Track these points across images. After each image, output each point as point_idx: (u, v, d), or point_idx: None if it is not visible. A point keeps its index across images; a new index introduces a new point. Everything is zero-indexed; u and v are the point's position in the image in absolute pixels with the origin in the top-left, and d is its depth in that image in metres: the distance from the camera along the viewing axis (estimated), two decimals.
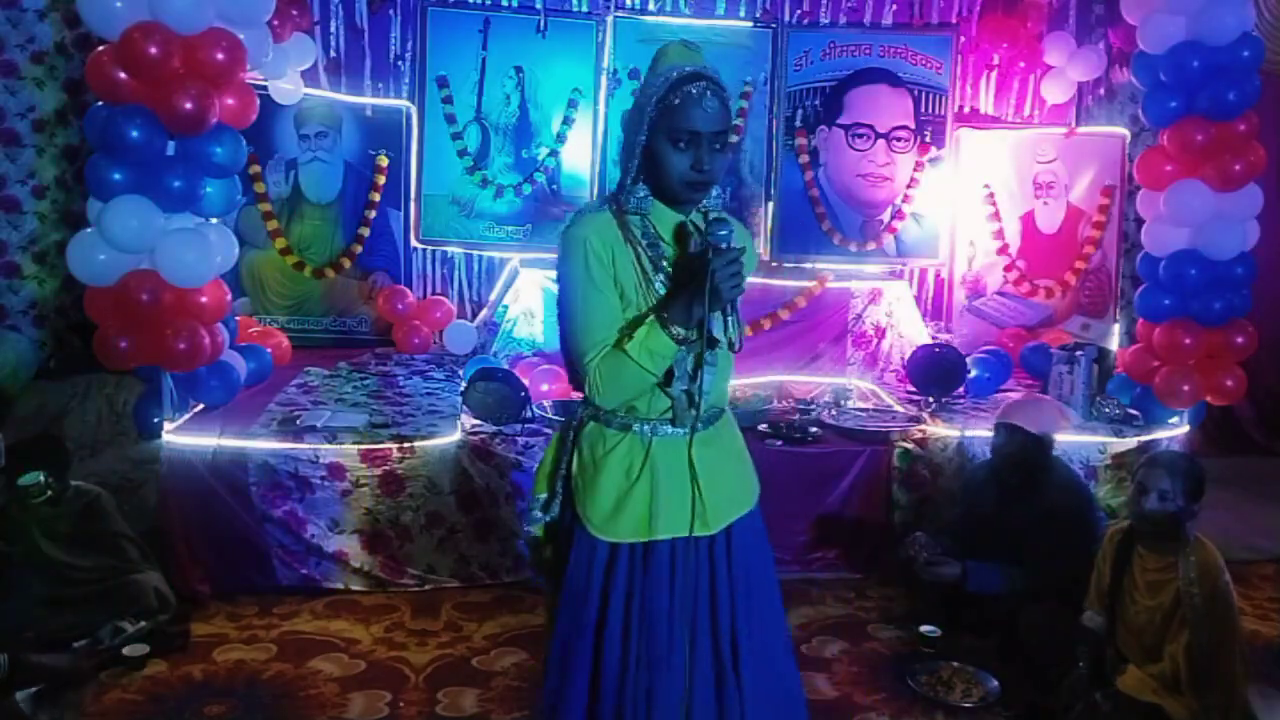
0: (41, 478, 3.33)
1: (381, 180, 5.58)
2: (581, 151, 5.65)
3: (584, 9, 5.66)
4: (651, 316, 1.92)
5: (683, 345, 1.91)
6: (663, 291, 1.97)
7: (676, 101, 1.89)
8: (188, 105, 3.48)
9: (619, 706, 1.99)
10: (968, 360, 4.93)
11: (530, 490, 2.21)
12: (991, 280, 5.84)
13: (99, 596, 3.39)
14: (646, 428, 2.00)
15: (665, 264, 1.98)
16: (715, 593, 2.04)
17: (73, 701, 2.95)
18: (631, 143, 1.96)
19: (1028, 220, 5.78)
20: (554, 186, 5.68)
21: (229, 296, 3.94)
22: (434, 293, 5.82)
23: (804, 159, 5.70)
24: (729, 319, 1.91)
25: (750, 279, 2.01)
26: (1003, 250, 5.78)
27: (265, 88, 4.94)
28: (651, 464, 1.99)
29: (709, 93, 1.90)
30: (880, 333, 5.36)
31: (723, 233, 1.87)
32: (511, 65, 5.58)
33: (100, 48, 3.54)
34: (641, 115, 1.93)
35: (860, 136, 5.71)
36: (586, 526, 2.01)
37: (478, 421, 4.07)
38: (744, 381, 4.39)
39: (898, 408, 4.69)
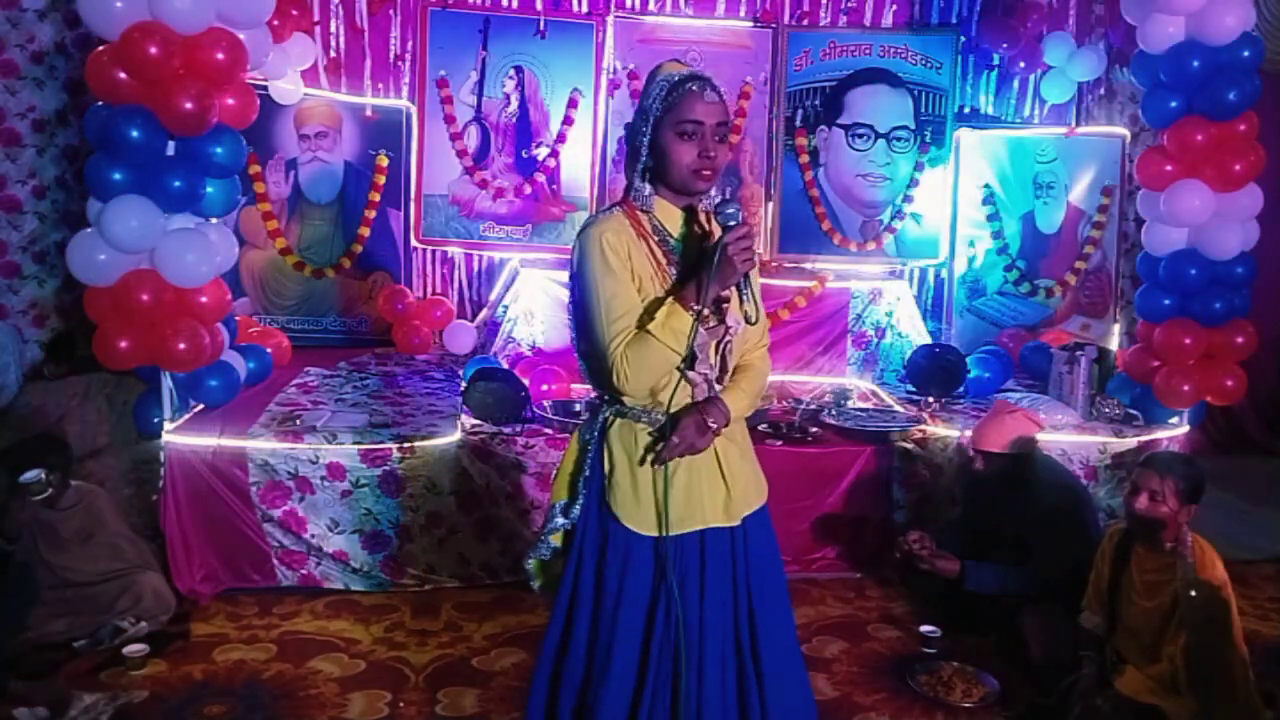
0: (42, 475, 3.33)
1: (381, 180, 5.58)
2: (581, 151, 5.65)
3: (584, 9, 5.66)
4: (670, 298, 2.02)
5: (700, 323, 1.99)
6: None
7: (680, 98, 2.02)
8: (188, 105, 3.48)
9: (653, 697, 2.08)
10: (968, 360, 4.94)
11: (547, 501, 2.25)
12: (991, 280, 5.84)
13: (99, 597, 3.39)
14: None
15: (676, 255, 2.10)
16: (736, 583, 2.15)
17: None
18: (637, 144, 2.08)
19: (1028, 220, 5.79)
20: (554, 186, 5.68)
21: (229, 296, 3.94)
22: (434, 293, 5.82)
23: (804, 159, 5.70)
24: (744, 293, 2.02)
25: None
26: (1003, 250, 5.79)
27: (265, 88, 4.95)
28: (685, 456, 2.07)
29: (708, 88, 2.04)
30: (880, 333, 5.36)
31: (730, 210, 1.99)
32: (511, 65, 5.58)
33: (100, 48, 3.54)
34: (646, 116, 2.05)
35: (860, 136, 5.71)
36: (624, 524, 2.08)
37: (478, 421, 4.07)
38: None
39: (898, 408, 4.69)
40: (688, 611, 2.08)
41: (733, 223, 1.97)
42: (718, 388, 2.11)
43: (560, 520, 2.17)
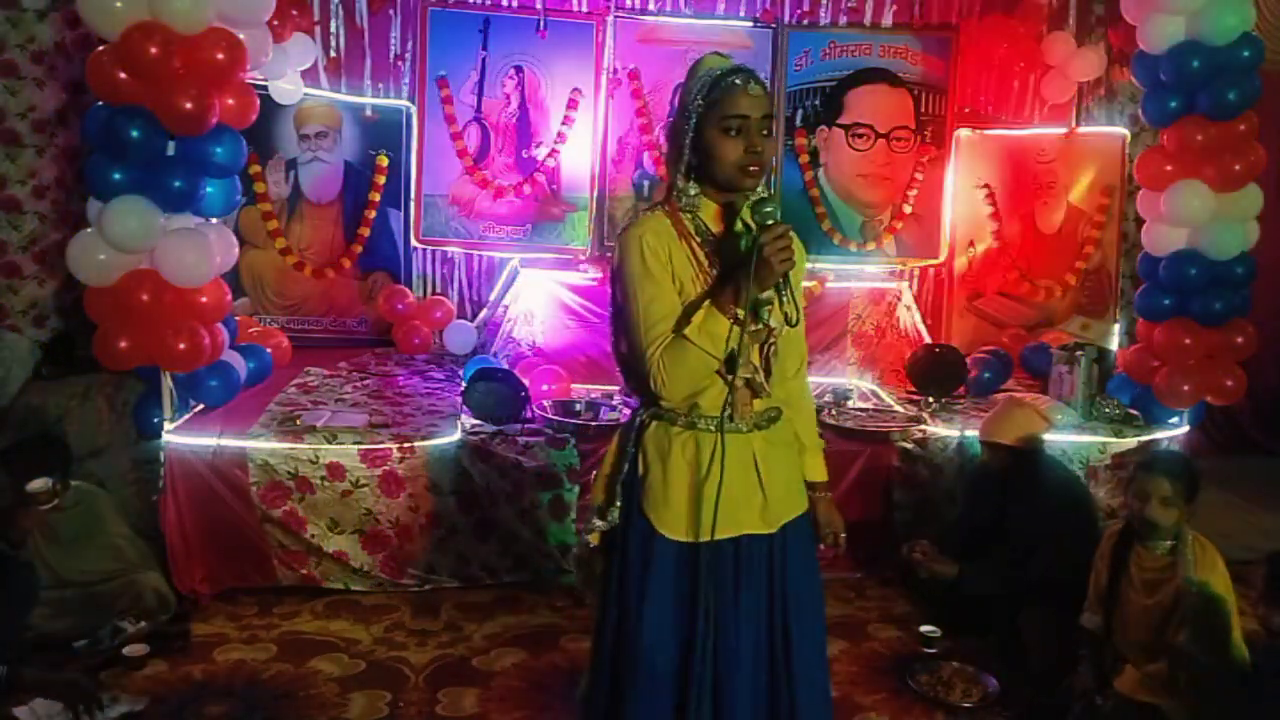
0: (50, 484, 3.33)
1: (381, 180, 5.57)
2: (581, 151, 5.64)
3: (584, 9, 5.66)
4: (708, 301, 1.96)
5: (738, 325, 1.93)
6: None
7: (723, 93, 1.96)
8: (188, 105, 3.48)
9: (698, 704, 2.03)
10: (968, 360, 4.94)
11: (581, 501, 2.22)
12: (991, 280, 5.84)
13: (99, 597, 3.39)
14: (712, 424, 2.02)
15: (719, 257, 2.03)
16: (772, 590, 2.10)
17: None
18: (680, 143, 2.01)
19: (1028, 220, 5.78)
20: (554, 186, 5.67)
21: (229, 296, 3.94)
22: (434, 293, 5.82)
23: (804, 159, 5.69)
24: (783, 295, 1.95)
25: None
26: (1003, 250, 5.78)
27: (265, 88, 4.94)
28: (720, 461, 2.01)
29: (752, 80, 1.98)
30: (880, 333, 5.36)
31: (768, 209, 1.93)
32: (511, 65, 5.58)
33: (100, 48, 3.54)
34: (688, 113, 1.99)
35: (860, 136, 5.71)
36: (657, 528, 2.04)
37: (478, 421, 4.08)
38: None
39: (898, 408, 4.69)
40: (723, 617, 2.03)
41: (770, 221, 1.91)
42: (764, 391, 2.04)
43: (597, 522, 2.14)
